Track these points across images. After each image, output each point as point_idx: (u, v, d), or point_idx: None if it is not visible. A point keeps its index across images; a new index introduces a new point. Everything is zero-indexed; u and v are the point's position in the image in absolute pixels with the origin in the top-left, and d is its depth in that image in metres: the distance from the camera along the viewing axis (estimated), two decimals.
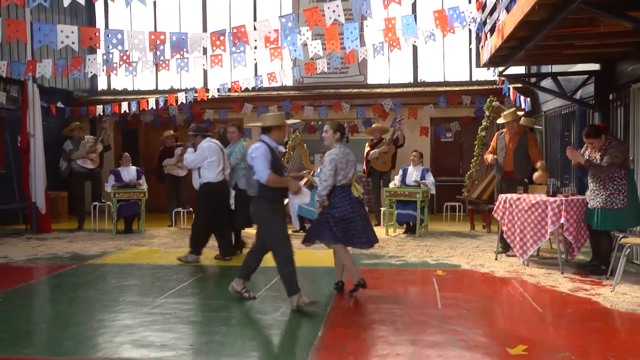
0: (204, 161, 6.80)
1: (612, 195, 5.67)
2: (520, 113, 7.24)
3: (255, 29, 7.36)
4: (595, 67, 7.67)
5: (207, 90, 10.69)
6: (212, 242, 7.13)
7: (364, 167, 10.00)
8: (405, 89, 12.29)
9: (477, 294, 5.24)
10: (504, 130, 7.51)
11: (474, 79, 12.34)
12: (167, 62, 8.82)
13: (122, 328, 4.29)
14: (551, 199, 6.12)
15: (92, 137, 10.62)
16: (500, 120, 7.56)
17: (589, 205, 5.94)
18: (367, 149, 9.96)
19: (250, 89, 10.45)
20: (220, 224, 6.94)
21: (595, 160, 5.76)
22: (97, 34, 6.80)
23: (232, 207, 6.97)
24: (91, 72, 8.38)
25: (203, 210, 6.81)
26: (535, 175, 7.01)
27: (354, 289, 5.17)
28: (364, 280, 5.20)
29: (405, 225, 9.02)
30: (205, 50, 9.58)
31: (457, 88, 11.96)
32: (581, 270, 6.06)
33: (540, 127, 10.41)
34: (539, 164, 7.10)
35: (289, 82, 11.78)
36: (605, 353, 3.71)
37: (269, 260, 6.96)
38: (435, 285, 5.58)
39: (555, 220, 6.01)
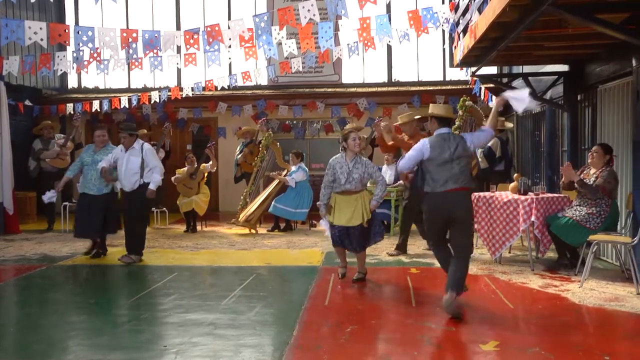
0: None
1: (592, 215, 5.77)
2: (417, 117, 7.21)
3: (229, 27, 7.32)
4: (564, 68, 7.83)
5: (181, 89, 10.58)
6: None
7: None
8: (379, 89, 12.36)
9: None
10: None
11: (447, 78, 12.47)
12: (140, 60, 8.70)
13: (94, 330, 4.23)
14: (522, 197, 6.23)
15: (62, 136, 10.42)
16: (398, 123, 7.50)
17: (560, 213, 6.05)
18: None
19: (225, 87, 10.38)
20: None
21: (587, 181, 5.86)
22: (66, 30, 6.66)
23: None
24: (61, 70, 8.20)
25: (144, 212, 6.88)
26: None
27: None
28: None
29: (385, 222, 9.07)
30: (179, 49, 9.48)
31: (431, 88, 12.07)
32: (552, 267, 6.18)
33: (512, 125, 10.57)
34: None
35: (263, 81, 11.74)
36: (573, 348, 3.79)
37: (243, 259, 6.97)
38: (410, 284, 5.63)
39: (526, 218, 6.12)
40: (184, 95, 10.48)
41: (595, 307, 4.74)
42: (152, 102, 10.81)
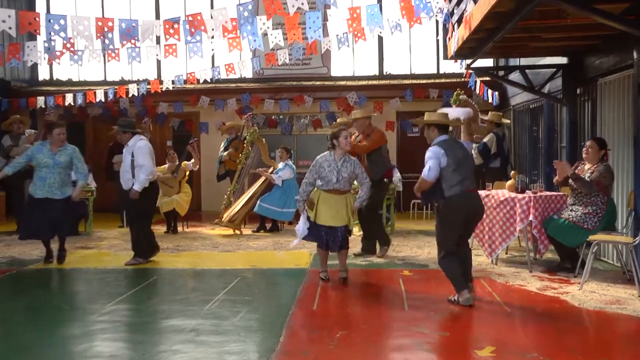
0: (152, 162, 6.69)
1: (589, 215, 5.81)
2: (374, 114, 7.26)
3: (212, 17, 7.27)
4: (562, 60, 7.88)
5: (161, 82, 10.50)
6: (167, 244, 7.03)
7: None
8: (370, 82, 12.37)
9: (444, 295, 5.31)
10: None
11: (441, 71, 12.52)
12: (117, 51, 8.62)
13: (68, 338, 4.19)
14: (519, 196, 6.27)
15: (33, 131, 10.31)
16: (352, 117, 7.46)
17: (555, 215, 6.09)
18: None
19: (208, 80, 10.33)
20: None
21: (582, 176, 5.89)
22: (37, 18, 6.57)
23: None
24: (31, 61, 8.09)
25: (140, 212, 6.74)
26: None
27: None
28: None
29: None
30: (158, 39, 9.40)
31: (424, 81, 12.11)
32: (551, 269, 6.22)
33: (509, 122, 10.63)
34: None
35: (248, 74, 11.70)
36: (573, 353, 3.82)
37: (227, 262, 6.94)
38: (402, 286, 5.65)
39: (523, 217, 6.16)
40: (164, 89, 10.41)
41: (595, 310, 4.78)
42: (130, 95, 10.74)
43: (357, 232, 7.79)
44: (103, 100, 10.71)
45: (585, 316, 4.69)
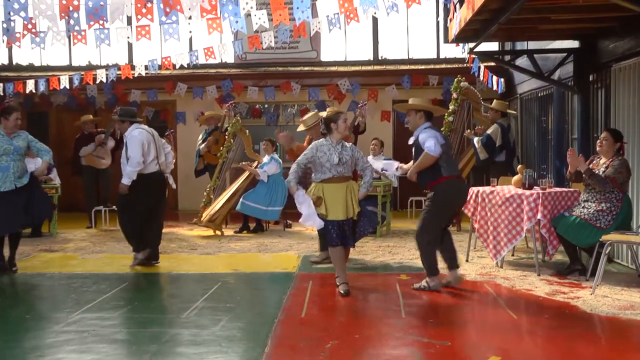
0: (142, 152, 6.64)
1: (602, 212, 5.85)
2: (322, 114, 7.24)
3: None
4: (574, 44, 7.93)
5: (133, 68, 10.44)
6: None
7: None
8: (364, 68, 12.38)
9: (445, 301, 5.34)
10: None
11: (441, 56, 12.55)
12: (83, 33, 8.56)
13: (30, 350, 4.16)
14: (527, 192, 6.30)
15: None
16: (300, 128, 7.51)
17: (566, 212, 6.13)
18: None
19: (185, 66, 10.29)
20: (150, 221, 6.87)
21: (596, 172, 5.92)
22: None
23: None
24: None
25: (128, 205, 6.73)
26: None
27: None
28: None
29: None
30: (129, 20, 9.34)
31: (423, 67, 12.13)
32: (561, 272, 6.26)
33: (515, 113, 10.69)
34: None
35: (229, 59, 11.61)
36: None
37: (207, 266, 6.93)
38: (399, 292, 5.66)
39: (531, 216, 6.19)
40: (136, 75, 10.35)
41: (608, 317, 4.82)
42: (98, 82, 10.66)
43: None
44: (68, 87, 10.62)
45: (598, 323, 4.74)
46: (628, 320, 4.71)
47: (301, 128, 7.35)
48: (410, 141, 5.82)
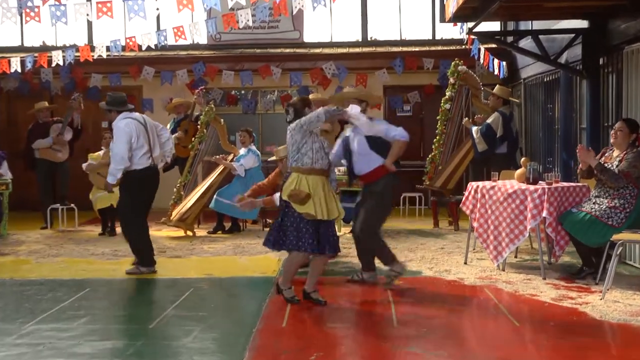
0: (129, 147, 6.56)
1: (615, 209, 5.90)
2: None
3: None
4: (583, 24, 7.98)
5: (93, 49, 10.37)
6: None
7: None
8: (351, 50, 12.37)
9: (441, 308, 5.37)
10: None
11: (437, 37, 12.58)
12: (36, 10, 8.48)
13: None
14: (531, 188, 6.34)
15: None
16: (272, 158, 7.46)
17: (574, 208, 6.18)
18: None
19: (152, 47, 10.23)
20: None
21: (609, 166, 5.97)
22: None
23: None
24: None
25: (133, 211, 6.70)
26: None
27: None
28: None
29: (352, 223, 9.12)
30: None
31: (417, 49, 12.15)
32: (570, 275, 6.31)
33: (518, 100, 10.75)
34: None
35: (202, 40, 11.58)
36: None
37: (178, 270, 6.90)
38: (390, 298, 5.68)
39: (536, 213, 6.23)
40: (96, 57, 10.28)
41: (619, 324, 4.87)
42: (54, 65, 10.57)
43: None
44: (20, 70, 10.52)
45: (608, 330, 4.79)
46: None
47: (273, 158, 7.29)
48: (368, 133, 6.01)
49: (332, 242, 5.43)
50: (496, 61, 10.11)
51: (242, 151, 9.42)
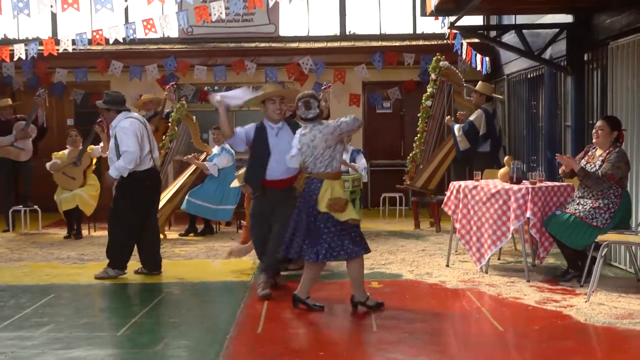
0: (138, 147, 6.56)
1: (599, 210, 5.97)
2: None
3: None
4: (567, 18, 8.07)
5: (58, 42, 10.27)
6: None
7: None
8: (329, 44, 12.39)
9: (422, 312, 5.39)
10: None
11: (418, 31, 12.64)
12: None
13: None
14: (515, 187, 6.39)
15: None
16: (234, 184, 7.52)
17: (558, 210, 6.24)
18: None
19: (120, 41, 10.16)
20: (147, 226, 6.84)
21: (593, 167, 6.05)
22: None
23: None
24: None
25: (125, 213, 6.65)
26: None
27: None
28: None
29: None
30: None
31: (397, 43, 12.20)
32: (555, 277, 6.37)
33: (501, 97, 10.84)
34: None
35: (173, 33, 11.55)
36: None
37: (147, 275, 6.86)
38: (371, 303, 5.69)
39: (519, 214, 6.29)
40: (61, 51, 10.19)
41: (604, 327, 4.93)
42: (16, 59, 10.47)
43: None
44: None
45: (593, 334, 4.84)
46: (626, 331, 4.82)
47: (235, 184, 7.27)
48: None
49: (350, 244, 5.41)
50: (479, 57, 10.18)
51: (216, 150, 9.39)
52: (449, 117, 9.54)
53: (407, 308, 5.51)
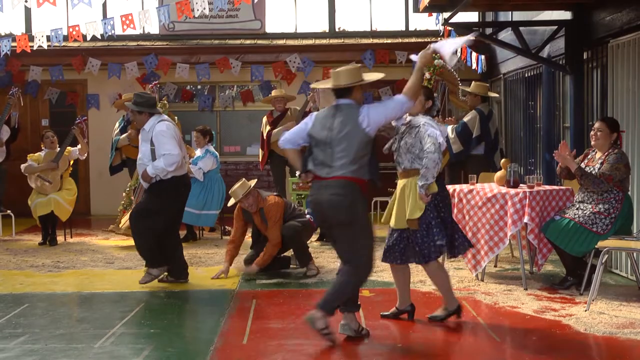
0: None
1: (599, 215, 5.99)
2: (252, 182, 7.38)
3: None
4: (566, 15, 8.11)
5: (32, 39, 10.24)
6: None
7: (262, 150, 10.01)
8: (318, 41, 12.40)
9: (416, 322, 5.39)
10: None
11: (411, 28, 12.68)
12: None
13: None
14: (512, 191, 6.41)
15: None
16: (230, 203, 7.45)
17: (557, 215, 6.27)
18: (266, 126, 9.96)
19: (98, 37, 10.14)
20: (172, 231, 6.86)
21: (591, 169, 6.09)
22: None
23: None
24: None
25: (154, 211, 6.63)
26: None
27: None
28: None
29: (319, 230, 9.13)
30: None
31: (389, 41, 12.22)
32: (553, 285, 6.40)
33: (497, 95, 10.88)
34: None
35: (153, 29, 11.54)
36: None
37: (127, 283, 6.85)
38: (360, 311, 5.69)
39: (517, 219, 6.30)
40: (35, 48, 10.16)
41: (605, 337, 4.96)
42: None
43: None
44: None
45: (593, 344, 4.88)
46: (628, 341, 4.85)
47: (231, 202, 7.26)
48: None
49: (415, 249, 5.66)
50: (474, 55, 10.23)
51: (199, 152, 9.37)
52: (438, 117, 9.57)
53: (400, 318, 5.52)
